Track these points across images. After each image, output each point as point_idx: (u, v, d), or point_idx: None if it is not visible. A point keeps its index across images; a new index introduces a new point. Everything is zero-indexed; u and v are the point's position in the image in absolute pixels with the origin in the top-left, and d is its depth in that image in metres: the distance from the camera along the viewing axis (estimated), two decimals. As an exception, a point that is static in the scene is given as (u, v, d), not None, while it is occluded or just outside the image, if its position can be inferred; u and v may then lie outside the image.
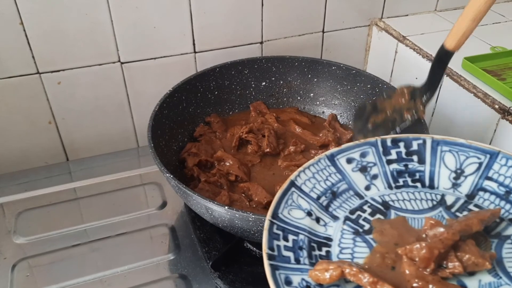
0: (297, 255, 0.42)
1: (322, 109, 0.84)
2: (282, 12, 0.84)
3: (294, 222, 0.45)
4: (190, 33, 0.79)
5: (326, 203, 0.48)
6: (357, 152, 0.52)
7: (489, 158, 0.50)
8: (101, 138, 0.83)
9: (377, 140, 0.52)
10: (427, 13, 0.96)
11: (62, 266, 0.63)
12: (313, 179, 0.49)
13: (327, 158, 0.51)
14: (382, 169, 0.51)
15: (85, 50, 0.74)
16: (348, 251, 0.44)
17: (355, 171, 0.51)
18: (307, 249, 0.43)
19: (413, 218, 0.47)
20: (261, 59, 0.82)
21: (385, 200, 0.49)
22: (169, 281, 0.61)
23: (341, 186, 0.50)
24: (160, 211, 0.72)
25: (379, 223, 0.46)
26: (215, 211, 0.54)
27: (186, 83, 0.74)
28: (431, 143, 0.52)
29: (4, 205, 0.73)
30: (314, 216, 0.47)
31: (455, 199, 0.49)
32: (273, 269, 0.40)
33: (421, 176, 0.51)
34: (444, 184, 0.50)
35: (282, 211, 0.45)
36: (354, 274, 0.39)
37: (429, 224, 0.43)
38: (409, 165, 0.52)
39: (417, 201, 0.49)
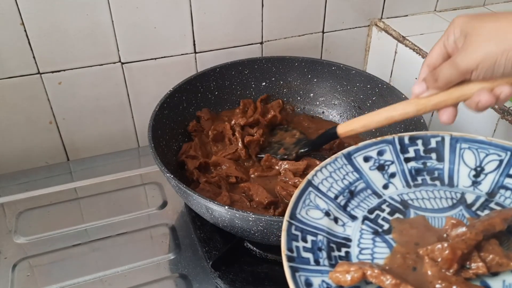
0: (316, 256, 0.42)
1: (322, 109, 0.84)
2: (282, 13, 0.84)
3: (312, 223, 0.44)
4: (191, 33, 0.79)
5: (344, 203, 0.47)
6: (374, 150, 0.51)
7: (510, 155, 0.49)
8: (101, 138, 0.83)
9: (394, 138, 0.52)
10: (427, 14, 0.96)
11: (62, 265, 0.63)
12: (330, 178, 0.48)
13: (344, 156, 0.50)
14: (400, 167, 0.51)
15: (86, 50, 0.74)
16: (368, 252, 0.43)
17: (373, 170, 0.50)
18: (326, 250, 0.43)
19: (433, 217, 0.46)
20: (261, 59, 0.82)
21: (404, 199, 0.48)
22: (170, 281, 0.61)
23: (359, 185, 0.49)
24: (160, 211, 0.72)
25: (398, 223, 0.46)
26: (215, 211, 0.54)
27: (186, 83, 0.75)
28: (450, 141, 0.51)
29: (4, 205, 0.73)
30: (332, 216, 0.46)
31: (475, 197, 0.48)
32: (293, 271, 0.39)
33: (440, 174, 0.51)
34: (464, 182, 0.50)
35: (300, 212, 0.44)
36: (376, 276, 0.38)
37: (451, 223, 0.43)
38: (427, 163, 0.51)
39: (437, 200, 0.48)
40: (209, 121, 0.78)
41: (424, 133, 0.52)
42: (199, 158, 0.71)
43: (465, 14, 0.48)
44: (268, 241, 0.56)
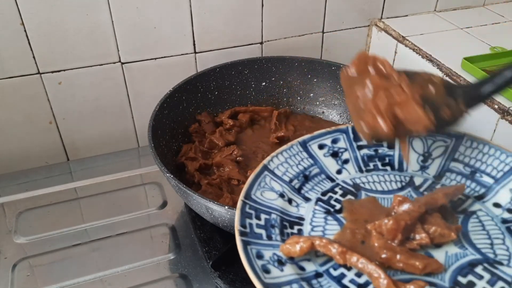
0: (269, 232, 0.44)
1: (322, 109, 0.84)
2: (282, 13, 0.84)
3: (266, 203, 0.47)
4: (191, 33, 0.79)
5: (299, 186, 0.50)
6: (328, 139, 0.54)
7: (455, 141, 0.53)
8: (101, 138, 0.83)
9: (348, 127, 0.55)
10: (427, 14, 0.96)
11: (62, 265, 0.63)
12: (286, 163, 0.51)
13: (300, 144, 0.53)
14: (353, 154, 0.54)
15: (86, 50, 0.74)
16: (320, 229, 0.46)
17: (327, 156, 0.53)
18: (279, 227, 0.45)
19: (383, 198, 0.49)
20: (261, 59, 0.82)
21: (356, 183, 0.51)
22: (169, 281, 0.61)
23: (313, 170, 0.52)
24: (160, 211, 0.72)
25: (349, 203, 0.48)
26: (215, 211, 0.54)
27: (186, 83, 0.75)
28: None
29: (4, 205, 0.73)
30: (286, 198, 0.48)
31: (423, 180, 0.51)
32: (244, 244, 0.41)
33: (390, 160, 0.54)
34: (413, 167, 0.53)
35: (255, 193, 0.47)
36: (324, 245, 0.40)
37: (397, 201, 0.45)
38: (379, 150, 0.54)
39: (387, 183, 0.51)
40: (210, 124, 0.78)
41: None
42: (199, 160, 0.71)
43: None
44: (268, 241, 0.56)
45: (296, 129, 0.80)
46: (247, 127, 0.80)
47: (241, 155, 0.72)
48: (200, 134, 0.77)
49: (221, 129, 0.77)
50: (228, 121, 0.78)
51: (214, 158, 0.72)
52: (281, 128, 0.79)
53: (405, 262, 0.40)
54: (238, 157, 0.72)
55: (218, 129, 0.76)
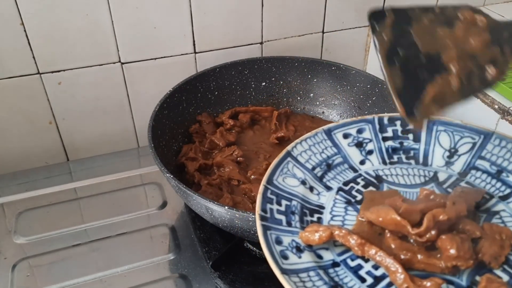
0: (289, 219, 0.44)
1: (322, 109, 0.84)
2: (282, 13, 0.84)
3: (288, 189, 0.47)
4: (191, 33, 0.79)
5: (321, 174, 0.50)
6: (354, 128, 0.54)
7: (483, 139, 0.52)
8: (101, 138, 0.83)
9: (374, 118, 0.54)
10: (427, 14, 0.96)
11: (62, 266, 0.63)
12: (309, 151, 0.51)
13: (324, 132, 0.53)
14: (377, 145, 0.53)
15: (86, 50, 0.74)
16: (339, 219, 0.45)
17: (351, 146, 0.53)
18: (299, 214, 0.45)
19: (405, 192, 0.48)
20: (261, 59, 0.82)
21: (379, 174, 0.51)
22: (169, 281, 0.61)
23: (336, 159, 0.51)
24: (160, 211, 0.72)
25: (370, 193, 0.48)
26: (215, 211, 0.54)
27: (186, 83, 0.75)
28: (427, 123, 0.53)
29: (4, 205, 0.73)
30: (308, 185, 0.48)
31: (447, 176, 0.50)
32: (264, 229, 0.42)
33: (415, 153, 0.53)
34: (438, 162, 0.52)
35: (277, 178, 0.47)
36: (343, 236, 0.40)
37: (424, 194, 0.44)
38: (404, 142, 0.53)
39: (410, 177, 0.50)
40: (211, 125, 0.78)
41: None
42: (199, 160, 0.70)
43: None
44: (268, 241, 0.56)
45: (296, 129, 0.80)
46: (248, 127, 0.80)
47: (241, 155, 0.72)
48: (200, 134, 0.77)
49: (222, 129, 0.77)
50: (228, 121, 0.78)
51: (214, 158, 0.72)
52: (281, 128, 0.79)
53: (426, 262, 0.39)
54: (239, 157, 0.72)
55: (218, 130, 0.76)
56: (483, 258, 0.40)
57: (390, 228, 0.41)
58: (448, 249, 0.39)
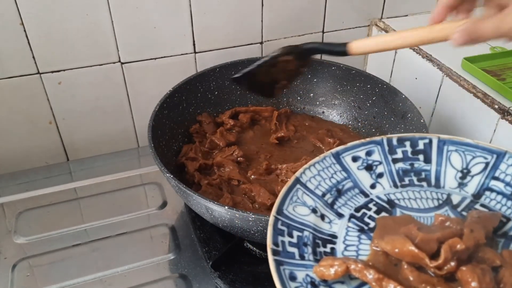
0: (301, 251, 0.42)
1: (322, 109, 0.84)
2: (282, 12, 0.84)
3: (299, 219, 0.45)
4: (190, 33, 0.79)
5: (331, 201, 0.48)
6: (362, 151, 0.52)
7: (495, 158, 0.50)
8: (101, 138, 0.83)
9: (383, 139, 0.53)
10: (427, 13, 0.96)
11: (62, 266, 0.63)
12: (318, 176, 0.49)
13: (333, 156, 0.51)
14: (387, 168, 0.51)
15: (86, 50, 0.74)
16: (353, 248, 0.44)
17: (361, 169, 0.51)
18: (312, 246, 0.43)
19: (419, 217, 0.47)
20: (261, 59, 0.82)
21: (391, 199, 0.49)
22: (169, 281, 0.61)
23: (347, 184, 0.50)
24: (160, 211, 0.72)
25: (383, 220, 0.46)
26: (215, 211, 0.54)
27: (186, 83, 0.75)
28: (438, 143, 0.52)
29: (4, 205, 0.73)
30: (319, 213, 0.47)
31: (461, 198, 0.49)
32: (277, 264, 0.40)
33: (427, 175, 0.51)
34: (450, 183, 0.50)
35: (287, 208, 0.45)
36: (359, 270, 0.39)
37: (440, 220, 0.43)
38: (415, 164, 0.52)
39: (423, 200, 0.49)
40: (211, 125, 0.78)
41: (412, 135, 0.53)
42: (199, 160, 0.70)
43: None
44: (268, 241, 0.56)
45: (296, 129, 0.80)
46: (248, 127, 0.80)
47: (242, 155, 0.72)
48: (200, 134, 0.77)
49: (222, 129, 0.77)
50: (229, 121, 0.78)
51: (214, 158, 0.72)
52: (281, 128, 0.79)
53: None
54: (239, 157, 0.72)
55: (219, 130, 0.76)
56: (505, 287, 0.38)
57: (407, 260, 0.40)
58: (469, 281, 0.37)
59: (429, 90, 0.80)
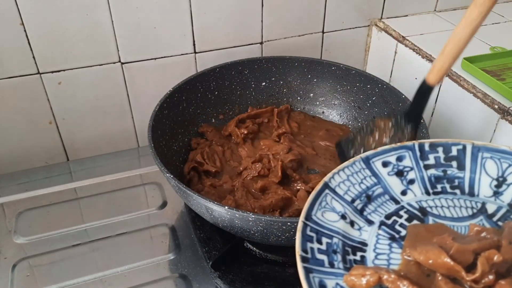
0: (331, 259, 0.41)
1: (322, 109, 0.84)
2: (282, 13, 0.84)
3: (328, 225, 0.44)
4: (191, 33, 0.79)
5: (361, 207, 0.47)
6: (393, 156, 0.50)
7: None
8: (101, 138, 0.83)
9: (415, 144, 0.51)
10: (427, 14, 0.96)
11: (62, 266, 0.63)
12: (348, 181, 0.48)
13: (362, 160, 0.50)
14: (419, 174, 0.50)
15: (86, 50, 0.74)
16: (384, 257, 0.43)
17: (391, 175, 0.50)
18: (341, 253, 0.42)
19: (452, 226, 0.45)
20: (261, 59, 0.82)
21: (423, 206, 0.48)
22: (169, 281, 0.61)
23: (377, 189, 0.49)
24: (160, 211, 0.72)
25: (415, 228, 0.45)
26: (215, 211, 0.54)
27: (186, 83, 0.75)
28: (472, 149, 0.50)
29: (4, 205, 0.73)
30: (348, 220, 0.45)
31: (496, 207, 0.47)
32: (307, 272, 0.39)
33: (460, 182, 0.50)
34: (485, 191, 0.49)
35: (315, 213, 0.44)
36: (393, 281, 0.37)
37: (475, 231, 0.42)
38: (448, 170, 0.50)
39: (456, 208, 0.47)
40: (213, 132, 0.78)
41: (445, 140, 0.51)
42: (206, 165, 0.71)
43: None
44: (268, 242, 0.56)
45: (299, 125, 0.81)
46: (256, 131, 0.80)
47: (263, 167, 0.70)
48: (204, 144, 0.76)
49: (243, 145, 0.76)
50: (238, 132, 0.77)
51: (257, 183, 0.69)
52: (283, 125, 0.79)
53: None
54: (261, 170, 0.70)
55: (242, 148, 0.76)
56: None
57: (441, 272, 0.38)
58: None
59: (429, 90, 0.80)
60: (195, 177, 0.69)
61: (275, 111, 0.80)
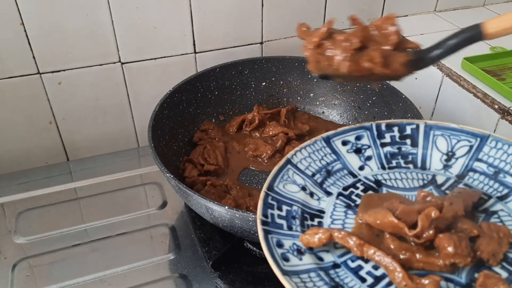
0: (289, 223, 0.45)
1: (322, 109, 0.84)
2: (282, 13, 0.84)
3: (288, 195, 0.47)
4: (191, 33, 0.79)
5: (321, 180, 0.51)
6: (352, 135, 0.54)
7: (479, 141, 0.53)
8: (101, 138, 0.83)
9: (372, 125, 0.55)
10: (427, 14, 0.96)
11: (62, 266, 0.63)
12: (309, 158, 0.52)
13: (323, 139, 0.54)
14: (376, 151, 0.54)
15: (86, 50, 0.74)
16: (339, 222, 0.46)
17: (350, 152, 0.54)
18: (300, 219, 0.46)
19: (404, 195, 0.49)
20: (261, 59, 0.82)
21: (378, 179, 0.51)
22: (169, 281, 0.61)
23: (336, 165, 0.52)
24: (160, 211, 0.72)
25: (368, 197, 0.48)
26: (215, 211, 0.54)
27: (186, 83, 0.75)
28: (424, 128, 0.54)
29: (4, 205, 0.73)
30: (308, 191, 0.49)
31: (445, 178, 0.51)
32: (265, 233, 0.42)
33: (413, 158, 0.54)
34: (436, 165, 0.53)
35: (277, 185, 0.48)
36: (342, 237, 0.41)
37: (422, 196, 0.45)
38: (402, 148, 0.54)
39: (409, 180, 0.51)
40: (216, 129, 0.78)
41: (400, 121, 0.55)
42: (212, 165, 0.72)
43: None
44: (268, 241, 0.56)
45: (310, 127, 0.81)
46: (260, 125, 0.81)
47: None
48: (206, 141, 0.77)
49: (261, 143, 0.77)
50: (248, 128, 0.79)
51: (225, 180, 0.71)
52: (289, 126, 0.80)
53: (425, 261, 0.40)
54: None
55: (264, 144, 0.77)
56: (482, 255, 0.40)
57: (388, 230, 0.42)
58: (445, 247, 0.39)
59: (429, 90, 0.80)
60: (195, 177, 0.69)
61: (283, 112, 0.81)
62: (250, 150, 0.76)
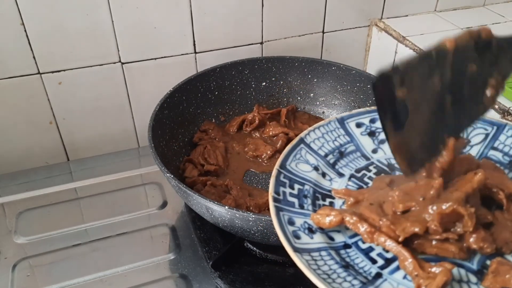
0: (301, 202, 0.45)
1: (322, 109, 0.84)
2: (282, 13, 0.84)
3: (300, 174, 0.48)
4: (191, 33, 0.79)
5: (333, 161, 0.51)
6: (367, 118, 0.54)
7: (496, 130, 0.52)
8: (101, 138, 0.83)
9: None
10: (427, 14, 0.96)
11: (62, 265, 0.63)
12: (322, 138, 0.52)
13: (337, 121, 0.54)
14: None
15: (86, 50, 0.74)
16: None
17: (364, 135, 0.53)
18: (312, 198, 0.46)
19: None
20: (261, 59, 0.82)
21: (391, 163, 0.51)
22: (170, 281, 0.61)
23: (349, 147, 0.52)
24: (160, 211, 0.72)
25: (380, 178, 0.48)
26: (215, 211, 0.54)
27: (186, 83, 0.75)
28: None
29: (4, 205, 0.73)
30: (320, 171, 0.49)
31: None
32: (277, 210, 0.42)
33: None
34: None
35: (290, 163, 0.48)
36: (353, 223, 0.41)
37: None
38: None
39: None
40: (216, 129, 0.78)
41: None
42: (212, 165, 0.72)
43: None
44: (268, 241, 0.56)
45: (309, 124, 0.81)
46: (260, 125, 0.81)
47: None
48: (206, 141, 0.77)
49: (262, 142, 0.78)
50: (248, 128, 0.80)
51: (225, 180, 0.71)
52: (290, 126, 0.80)
53: (439, 247, 0.40)
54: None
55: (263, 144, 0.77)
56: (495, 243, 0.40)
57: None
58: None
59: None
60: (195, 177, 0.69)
61: (283, 112, 0.81)
62: (250, 150, 0.76)
